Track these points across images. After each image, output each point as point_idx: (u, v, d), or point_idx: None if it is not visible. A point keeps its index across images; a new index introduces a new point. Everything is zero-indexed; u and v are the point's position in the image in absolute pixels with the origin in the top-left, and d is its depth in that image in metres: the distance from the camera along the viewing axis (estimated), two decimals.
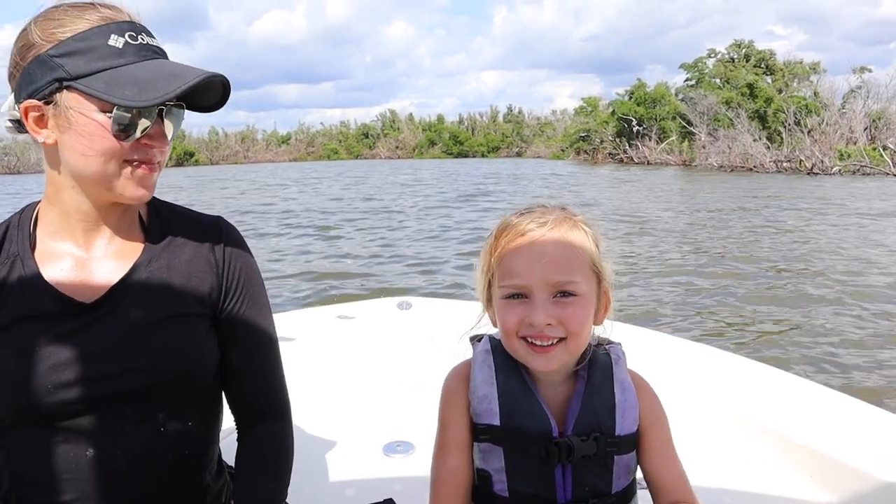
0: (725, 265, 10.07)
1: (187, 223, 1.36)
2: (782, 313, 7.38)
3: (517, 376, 1.24)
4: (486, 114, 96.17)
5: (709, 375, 2.53)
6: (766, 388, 2.40)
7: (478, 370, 1.27)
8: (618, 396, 1.23)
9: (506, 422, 1.21)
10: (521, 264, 1.18)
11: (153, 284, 1.27)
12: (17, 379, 1.16)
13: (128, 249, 1.29)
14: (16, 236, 1.26)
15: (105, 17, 1.15)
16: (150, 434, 1.24)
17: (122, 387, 1.20)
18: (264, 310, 1.41)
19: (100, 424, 1.20)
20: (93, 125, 1.14)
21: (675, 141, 48.47)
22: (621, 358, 1.29)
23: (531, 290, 1.17)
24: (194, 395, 1.30)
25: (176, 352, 1.25)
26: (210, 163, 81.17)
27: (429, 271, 10.29)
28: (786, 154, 37.65)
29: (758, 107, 46.21)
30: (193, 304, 1.30)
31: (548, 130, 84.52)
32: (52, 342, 1.18)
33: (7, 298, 1.20)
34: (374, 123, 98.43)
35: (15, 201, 25.00)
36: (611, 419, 1.21)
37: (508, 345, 1.22)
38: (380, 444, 2.25)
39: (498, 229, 1.25)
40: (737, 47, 54.12)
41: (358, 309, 3.52)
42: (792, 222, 14.63)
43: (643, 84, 54.20)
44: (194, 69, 1.16)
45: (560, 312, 1.16)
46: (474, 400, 1.25)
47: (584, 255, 1.19)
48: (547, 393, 1.24)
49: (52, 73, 1.12)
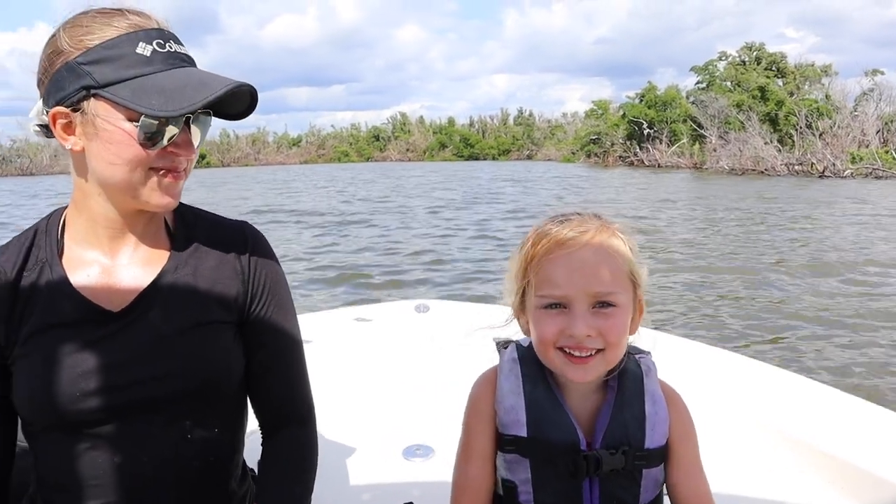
0: (743, 268, 10.03)
1: (213, 229, 1.36)
2: (801, 318, 7.34)
3: (545, 386, 1.23)
4: (497, 117, 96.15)
5: (729, 381, 2.49)
6: (788, 394, 2.37)
7: (504, 379, 1.25)
8: (648, 409, 1.21)
9: (533, 433, 1.19)
10: (561, 274, 1.15)
11: (180, 292, 1.27)
12: (45, 386, 1.16)
13: (154, 256, 1.29)
14: (44, 242, 1.26)
15: (133, 24, 1.14)
16: (177, 441, 1.24)
17: (149, 394, 1.20)
18: (290, 316, 1.41)
19: (127, 431, 1.20)
20: (119, 133, 1.13)
21: (686, 144, 48.29)
22: (652, 369, 1.27)
23: (571, 300, 1.15)
24: (220, 402, 1.30)
25: (202, 359, 1.25)
26: (221, 165, 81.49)
27: (446, 274, 10.28)
28: (797, 157, 37.48)
29: (769, 110, 46.00)
30: (220, 312, 1.29)
31: (558, 133, 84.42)
32: (79, 349, 1.18)
33: (35, 305, 1.21)
34: (385, 126, 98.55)
35: (35, 202, 25.21)
36: (640, 432, 1.19)
37: (544, 355, 1.19)
38: (399, 448, 2.25)
39: (534, 237, 1.21)
40: (748, 50, 53.92)
41: (375, 311, 3.52)
42: (808, 224, 14.58)
43: (654, 87, 54.06)
44: (222, 78, 1.15)
45: (600, 323, 1.14)
46: (501, 410, 1.23)
47: (623, 264, 1.17)
48: (575, 403, 1.22)
49: (80, 81, 1.12)
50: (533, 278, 1.19)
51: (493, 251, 12.02)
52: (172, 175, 1.20)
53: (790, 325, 7.11)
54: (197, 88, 1.12)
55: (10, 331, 1.20)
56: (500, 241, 13.33)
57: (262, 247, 1.39)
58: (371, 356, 3.04)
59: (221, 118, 1.26)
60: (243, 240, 1.37)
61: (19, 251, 1.24)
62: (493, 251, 12.02)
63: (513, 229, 15.11)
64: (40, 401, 1.17)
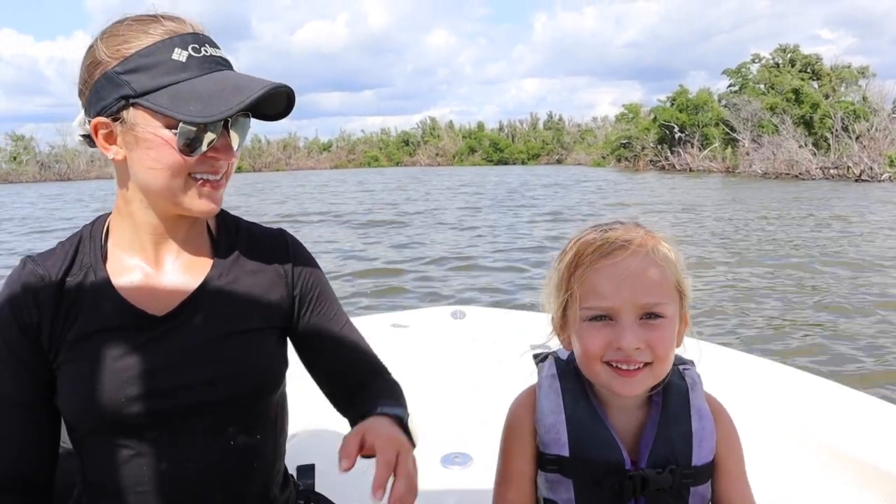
0: (780, 273, 9.89)
1: (253, 236, 1.38)
2: (843, 325, 7.19)
3: (585, 402, 1.19)
4: (527, 121, 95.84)
5: (769, 390, 2.43)
6: (828, 403, 2.30)
7: (544, 397, 1.21)
8: (695, 425, 1.17)
9: (575, 452, 1.16)
10: (608, 285, 1.11)
11: (223, 299, 1.28)
12: (90, 391, 1.17)
13: (197, 263, 1.30)
14: (88, 248, 1.27)
15: (168, 30, 1.15)
16: (221, 447, 1.25)
17: (193, 400, 1.21)
18: (338, 307, 1.46)
19: (171, 437, 1.21)
20: (159, 141, 1.14)
21: (718, 148, 47.73)
22: (698, 382, 1.23)
23: (618, 312, 1.11)
24: (263, 408, 1.31)
25: (247, 365, 1.26)
26: (253, 170, 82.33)
27: (480, 280, 10.21)
28: (833, 160, 36.81)
29: (803, 112, 45.24)
30: (263, 319, 1.31)
31: (588, 137, 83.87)
32: (124, 355, 1.19)
33: (80, 310, 1.21)
34: (415, 131, 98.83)
35: (81, 206, 25.72)
36: (687, 449, 1.15)
37: (589, 369, 1.15)
38: (437, 456, 2.23)
39: (577, 247, 1.18)
40: (782, 52, 53.11)
41: (411, 318, 3.50)
42: (848, 227, 14.32)
43: (685, 90, 53.49)
44: (258, 81, 1.15)
45: (648, 336, 1.10)
46: (541, 429, 1.19)
47: (670, 274, 1.14)
48: (618, 420, 1.19)
49: (119, 91, 1.13)
50: (577, 290, 1.15)
51: (527, 257, 11.95)
52: (213, 184, 1.21)
53: (830, 332, 6.97)
54: (233, 93, 1.12)
55: (55, 336, 1.21)
56: (534, 246, 13.22)
57: (302, 252, 1.42)
58: (408, 363, 3.04)
59: (260, 119, 1.27)
60: (284, 246, 1.39)
61: (64, 257, 1.26)
62: (527, 257, 11.95)
63: (545, 233, 15.07)
64: (86, 406, 1.18)
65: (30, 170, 70.63)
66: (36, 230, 19.41)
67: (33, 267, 1.24)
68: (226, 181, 1.25)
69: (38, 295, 1.21)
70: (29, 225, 21.20)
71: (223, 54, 1.21)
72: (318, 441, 2.33)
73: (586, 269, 1.14)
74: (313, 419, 2.41)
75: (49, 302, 1.21)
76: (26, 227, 20.56)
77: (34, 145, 74.02)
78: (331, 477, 1.98)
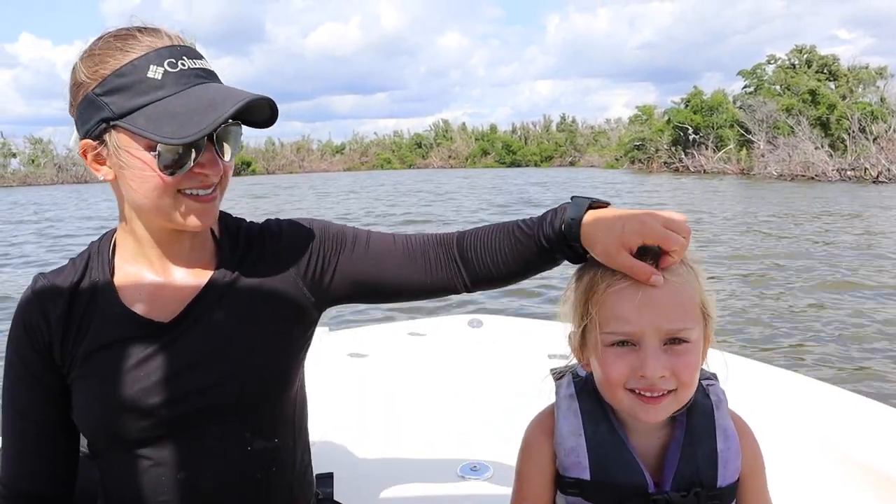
0: (799, 278, 9.82)
1: (253, 236, 1.36)
2: (863, 335, 7.10)
3: (607, 425, 1.14)
4: (540, 123, 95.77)
5: (789, 402, 2.39)
6: (852, 416, 2.26)
7: (563, 419, 1.17)
8: (720, 445, 1.13)
9: (596, 476, 1.12)
10: (631, 309, 1.06)
11: (228, 300, 1.28)
12: (105, 406, 1.19)
13: (202, 270, 1.30)
14: (96, 263, 1.28)
15: (145, 45, 1.12)
16: (238, 454, 1.25)
17: (204, 404, 1.21)
18: (357, 235, 1.38)
19: (188, 446, 1.22)
20: (140, 163, 1.13)
21: (733, 149, 47.45)
22: (723, 400, 1.19)
23: (641, 337, 1.06)
24: (277, 410, 1.30)
25: (249, 365, 1.25)
26: (266, 172, 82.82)
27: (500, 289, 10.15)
28: (850, 162, 36.48)
29: (820, 114, 44.89)
30: (270, 315, 1.30)
31: (601, 139, 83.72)
32: (135, 366, 1.20)
33: (90, 325, 1.23)
34: (427, 133, 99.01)
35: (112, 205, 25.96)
36: (712, 470, 1.11)
37: (612, 395, 1.11)
38: (455, 465, 2.21)
39: (595, 270, 1.13)
40: (798, 53, 52.75)
41: (429, 326, 3.51)
42: (871, 230, 14.18)
43: (700, 92, 53.20)
44: (235, 94, 1.12)
45: (673, 362, 1.05)
46: (560, 452, 1.15)
47: (695, 297, 1.09)
48: (639, 441, 1.15)
49: (100, 113, 1.12)
50: (596, 314, 1.10)
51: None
52: (203, 199, 1.19)
53: (852, 343, 6.86)
54: (208, 110, 1.09)
55: (67, 353, 1.22)
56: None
57: (295, 229, 1.37)
58: (425, 371, 3.04)
59: (248, 125, 1.24)
60: (273, 234, 1.36)
61: (74, 273, 1.27)
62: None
63: None
64: (101, 420, 1.20)
65: (47, 172, 71.26)
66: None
67: (44, 284, 1.26)
68: (220, 192, 1.23)
69: (50, 313, 1.23)
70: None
71: (204, 65, 1.17)
72: (336, 450, 2.32)
73: (607, 291, 1.09)
74: (332, 428, 2.42)
75: (60, 320, 1.22)
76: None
77: (52, 148, 74.75)
78: (350, 485, 1.96)
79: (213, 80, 1.18)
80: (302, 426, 1.40)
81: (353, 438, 2.40)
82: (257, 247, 1.34)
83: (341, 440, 2.38)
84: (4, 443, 1.29)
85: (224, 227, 1.37)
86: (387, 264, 1.36)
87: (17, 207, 33.27)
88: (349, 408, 2.64)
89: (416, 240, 1.39)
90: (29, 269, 12.82)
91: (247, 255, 1.33)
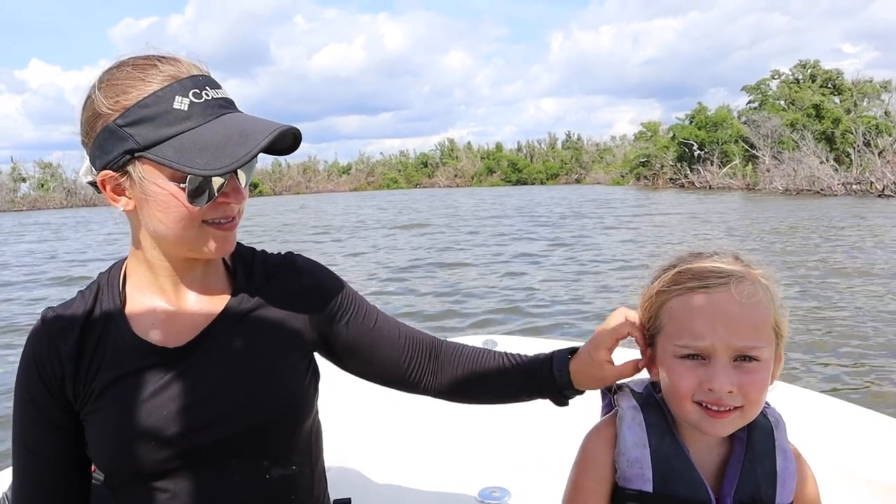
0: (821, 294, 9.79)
1: (268, 265, 1.36)
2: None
3: (671, 439, 1.15)
4: (545, 141, 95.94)
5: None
6: (870, 435, 2.18)
7: (627, 430, 1.17)
8: (780, 464, 1.14)
9: (659, 489, 1.12)
10: (704, 324, 1.06)
11: (242, 328, 1.26)
12: (120, 440, 1.16)
13: (216, 297, 1.29)
14: (106, 295, 1.26)
15: (167, 75, 1.11)
16: (257, 483, 1.23)
17: (220, 435, 1.19)
18: (364, 305, 1.42)
19: (205, 476, 1.20)
20: (166, 195, 1.12)
21: (738, 165, 47.45)
22: (781, 422, 1.20)
23: (712, 352, 1.06)
24: (295, 436, 1.29)
25: (271, 392, 1.24)
26: (273, 193, 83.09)
27: (509, 307, 10.02)
28: (855, 176, 36.45)
29: (824, 128, 44.92)
30: (283, 345, 1.29)
31: (607, 156, 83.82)
32: (152, 396, 1.18)
33: (102, 359, 1.20)
34: (433, 152, 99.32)
35: None
36: (772, 488, 1.13)
37: (680, 407, 1.11)
38: (474, 490, 2.18)
39: (669, 278, 1.13)
40: (802, 67, 52.94)
41: None
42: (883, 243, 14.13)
43: (704, 108, 53.33)
44: (264, 124, 1.12)
45: (742, 379, 1.06)
46: (623, 462, 1.15)
47: (768, 316, 1.09)
48: (701, 456, 1.15)
49: (123, 145, 1.10)
50: (668, 324, 1.12)
51: (556, 285, 11.79)
52: (226, 227, 1.19)
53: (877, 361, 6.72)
54: (239, 143, 1.09)
55: (79, 388, 1.20)
56: (563, 273, 12.99)
57: (314, 270, 1.40)
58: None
59: (267, 153, 1.23)
60: (295, 269, 1.37)
61: (84, 305, 1.25)
62: (556, 285, 11.79)
63: (572, 258, 14.95)
64: (116, 455, 1.17)
65: (57, 196, 71.64)
66: None
67: (54, 320, 1.23)
68: (238, 219, 1.23)
69: (61, 348, 1.20)
70: None
71: (224, 94, 1.17)
72: (353, 475, 2.31)
73: (680, 303, 1.10)
74: (348, 452, 2.39)
75: (72, 354, 1.20)
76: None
77: (61, 172, 75.29)
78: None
79: (234, 109, 1.18)
80: (318, 452, 1.39)
81: (369, 463, 2.38)
82: (277, 278, 1.34)
83: (358, 465, 2.36)
84: (16, 482, 1.26)
85: (237, 254, 1.35)
86: (382, 349, 1.41)
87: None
88: (365, 432, 2.61)
89: (410, 336, 1.45)
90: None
91: (265, 285, 1.32)
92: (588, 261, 14.01)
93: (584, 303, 9.98)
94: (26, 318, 10.18)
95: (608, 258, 14.34)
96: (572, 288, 11.12)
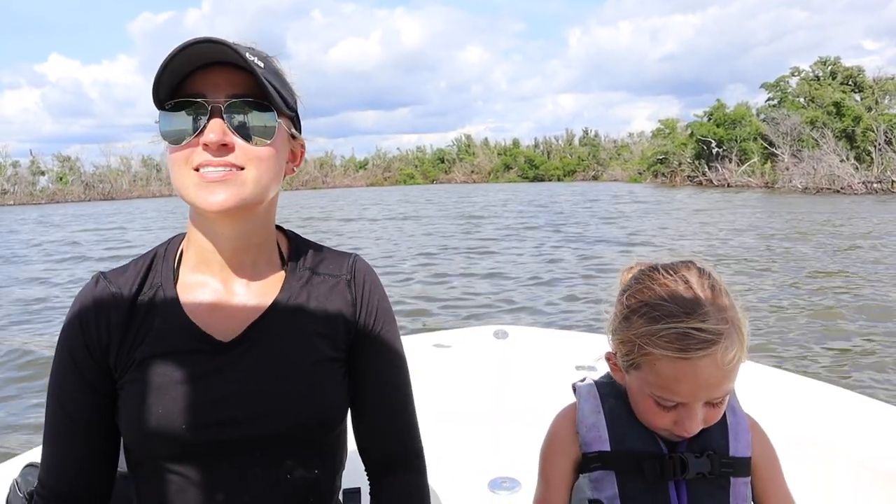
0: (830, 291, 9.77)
1: (324, 260, 1.34)
2: None
3: (623, 404, 1.26)
4: (562, 137, 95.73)
5: (805, 407, 2.34)
6: (870, 422, 2.21)
7: (584, 402, 1.30)
8: (730, 419, 1.24)
9: (616, 446, 1.23)
10: (686, 389, 1.13)
11: (291, 324, 1.24)
12: (151, 416, 1.15)
13: (267, 286, 1.27)
14: (161, 267, 1.25)
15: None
16: (278, 481, 1.21)
17: (254, 432, 1.18)
18: (398, 351, 1.37)
19: (228, 468, 1.19)
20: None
21: (757, 163, 47.12)
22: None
23: (689, 403, 1.15)
24: (322, 442, 1.27)
25: (310, 396, 1.22)
26: (290, 188, 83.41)
27: (521, 297, 10.13)
28: (876, 175, 36.10)
29: (845, 126, 44.45)
30: (329, 346, 1.26)
31: (624, 153, 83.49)
32: (188, 381, 1.17)
33: (149, 331, 1.19)
34: (450, 148, 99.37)
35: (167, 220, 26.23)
36: (724, 439, 1.22)
37: (648, 425, 1.23)
38: (484, 480, 2.19)
39: (654, 334, 1.13)
40: (822, 64, 52.31)
41: (454, 337, 3.43)
42: None
43: (723, 105, 53.02)
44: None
45: (709, 413, 1.17)
46: (583, 429, 1.26)
47: (740, 359, 1.14)
48: None
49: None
50: (648, 373, 1.16)
51: (569, 276, 11.87)
52: (209, 175, 1.12)
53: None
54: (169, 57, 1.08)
55: (122, 356, 1.19)
56: (573, 265, 13.13)
57: (372, 279, 1.36)
58: (451, 384, 2.99)
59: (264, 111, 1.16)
60: (353, 272, 1.34)
61: (136, 275, 1.24)
62: (569, 276, 11.87)
63: (586, 252, 14.99)
64: (145, 430, 1.16)
65: (75, 189, 72.20)
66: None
67: (105, 285, 1.22)
68: (249, 179, 1.14)
69: (110, 315, 1.20)
70: None
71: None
72: (363, 464, 2.36)
73: (663, 362, 1.13)
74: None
75: (120, 323, 1.19)
76: None
77: (79, 166, 76.00)
78: None
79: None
80: (342, 458, 1.37)
81: None
82: (328, 272, 1.32)
83: None
84: (47, 445, 1.24)
85: (294, 247, 1.34)
86: (365, 400, 1.34)
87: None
88: None
89: (390, 431, 1.36)
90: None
91: (318, 282, 1.30)
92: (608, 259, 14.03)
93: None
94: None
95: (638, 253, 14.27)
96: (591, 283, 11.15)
